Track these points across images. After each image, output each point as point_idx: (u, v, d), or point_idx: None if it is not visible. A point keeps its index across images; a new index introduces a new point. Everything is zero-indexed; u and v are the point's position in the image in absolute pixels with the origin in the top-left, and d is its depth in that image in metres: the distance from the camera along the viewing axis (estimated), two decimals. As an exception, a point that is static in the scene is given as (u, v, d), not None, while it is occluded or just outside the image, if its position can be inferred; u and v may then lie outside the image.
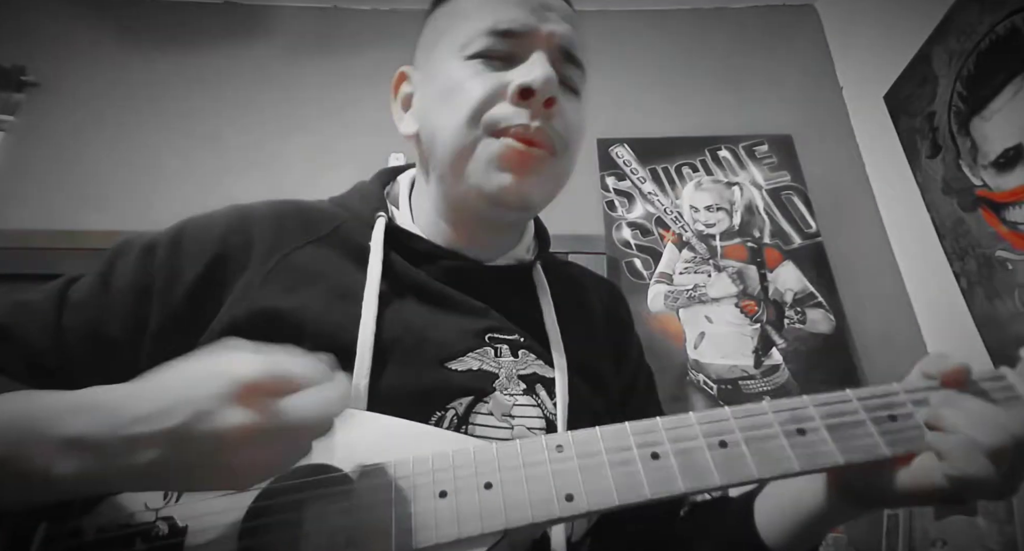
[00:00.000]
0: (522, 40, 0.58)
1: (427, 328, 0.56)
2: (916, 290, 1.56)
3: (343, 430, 0.41)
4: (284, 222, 0.61)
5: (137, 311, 0.55)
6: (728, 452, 0.42)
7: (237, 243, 0.58)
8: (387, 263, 0.59)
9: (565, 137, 0.59)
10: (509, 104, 0.57)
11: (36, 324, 0.54)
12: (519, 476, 0.41)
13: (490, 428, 0.53)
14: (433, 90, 0.62)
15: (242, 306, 0.54)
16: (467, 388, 0.54)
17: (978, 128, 1.34)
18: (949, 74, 1.42)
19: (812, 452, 0.42)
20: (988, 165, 1.31)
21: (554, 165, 0.59)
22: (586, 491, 0.41)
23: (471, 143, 0.57)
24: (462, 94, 0.58)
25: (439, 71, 0.61)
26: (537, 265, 0.68)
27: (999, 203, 1.28)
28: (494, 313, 0.60)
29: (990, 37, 1.31)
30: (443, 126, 0.59)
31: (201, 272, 0.56)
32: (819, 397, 0.45)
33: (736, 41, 1.95)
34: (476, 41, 0.58)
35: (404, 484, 0.42)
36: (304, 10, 1.97)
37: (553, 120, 0.58)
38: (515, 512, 0.40)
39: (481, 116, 0.57)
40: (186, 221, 0.61)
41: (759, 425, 0.43)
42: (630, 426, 0.44)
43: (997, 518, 1.08)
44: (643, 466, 0.41)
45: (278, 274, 0.56)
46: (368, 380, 0.51)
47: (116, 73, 1.81)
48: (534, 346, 0.60)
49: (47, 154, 1.68)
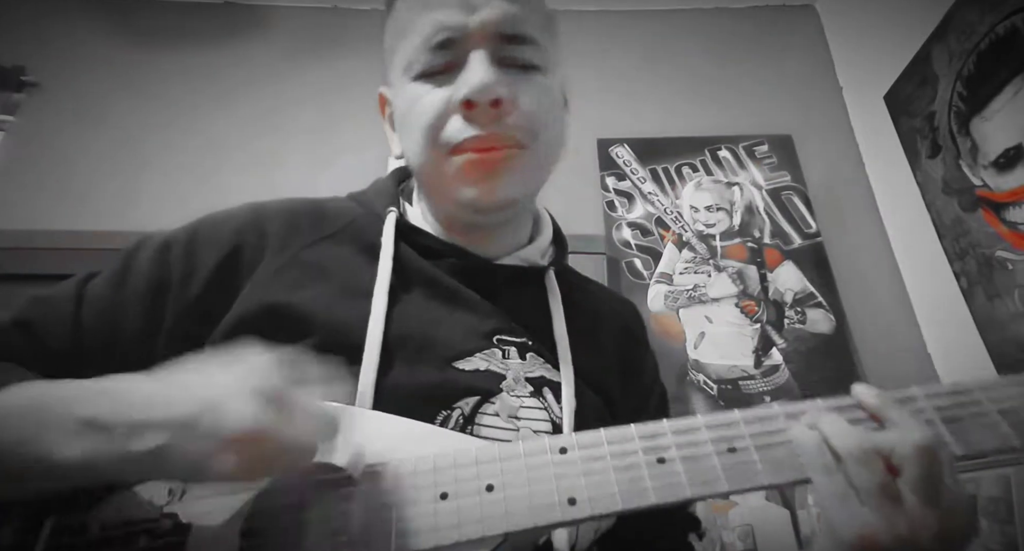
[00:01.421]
0: (457, 45, 0.56)
1: (436, 326, 0.57)
2: (916, 290, 1.56)
3: (348, 429, 0.41)
4: (298, 219, 0.61)
5: (153, 306, 0.56)
6: (737, 458, 0.41)
7: (251, 239, 0.59)
8: (398, 259, 0.59)
9: (529, 126, 0.57)
10: (460, 118, 0.56)
11: (54, 319, 0.55)
12: (521, 479, 0.41)
13: (496, 429, 0.53)
14: (398, 113, 0.62)
15: (253, 301, 0.55)
16: (474, 388, 0.54)
17: (978, 128, 1.34)
18: (949, 74, 1.42)
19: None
20: (988, 165, 1.31)
21: (525, 156, 0.58)
22: (589, 495, 0.40)
23: (435, 163, 0.58)
24: (416, 117, 0.57)
25: (397, 94, 0.62)
26: (550, 271, 0.67)
27: (999, 203, 1.28)
28: (503, 313, 0.60)
29: (990, 37, 1.30)
30: (410, 149, 0.61)
31: (215, 268, 0.57)
32: (829, 402, 0.44)
33: (736, 41, 1.95)
34: (416, 60, 0.58)
35: (405, 485, 0.41)
36: (304, 10, 1.97)
37: (508, 118, 0.56)
38: (516, 515, 0.39)
39: (437, 136, 0.56)
40: (202, 218, 0.62)
41: (770, 431, 0.42)
42: (636, 429, 0.43)
43: (997, 518, 1.08)
44: (648, 471, 0.41)
45: (290, 270, 0.57)
46: (375, 376, 0.51)
47: (116, 73, 1.81)
48: (542, 350, 0.60)
49: (47, 154, 1.68)
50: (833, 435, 0.41)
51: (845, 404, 0.44)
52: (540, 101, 0.59)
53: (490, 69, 0.55)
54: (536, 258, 0.67)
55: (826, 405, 0.44)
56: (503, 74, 0.56)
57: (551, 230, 0.72)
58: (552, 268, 0.68)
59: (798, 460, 0.41)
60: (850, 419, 0.43)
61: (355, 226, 0.62)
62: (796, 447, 0.42)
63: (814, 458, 0.41)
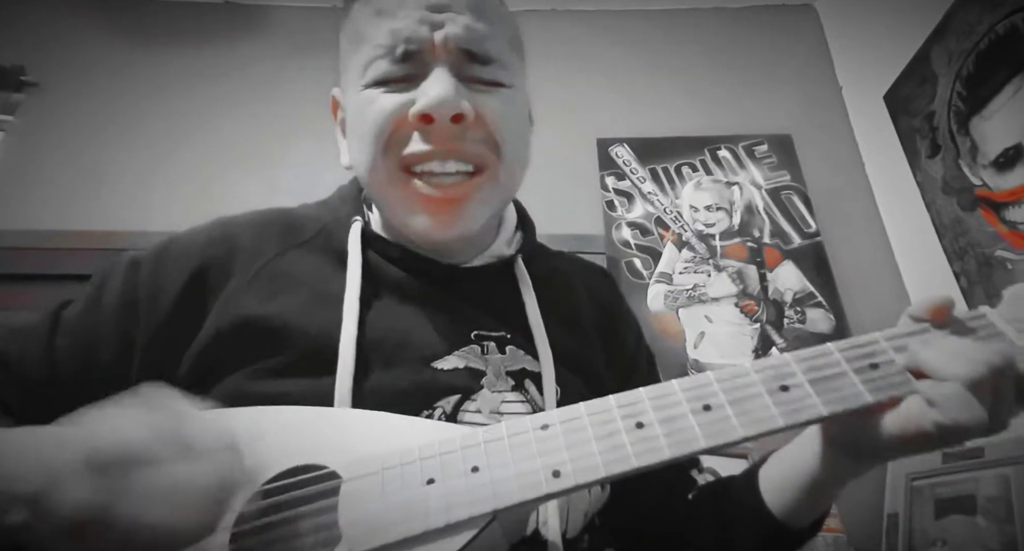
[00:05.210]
0: (418, 58, 0.54)
1: (410, 329, 0.56)
2: (916, 290, 1.56)
3: (332, 428, 0.41)
4: (266, 230, 0.61)
5: (124, 327, 0.55)
6: (712, 415, 0.42)
7: (219, 254, 0.58)
8: (367, 266, 0.59)
9: (494, 139, 0.55)
10: (416, 133, 0.54)
11: (31, 348, 0.54)
12: (506, 458, 0.41)
13: (480, 426, 0.53)
14: (349, 120, 0.60)
15: (226, 315, 0.54)
16: (454, 387, 0.54)
17: (978, 128, 1.34)
18: (949, 74, 1.42)
19: (795, 407, 0.42)
20: (988, 165, 1.31)
21: (485, 185, 0.56)
22: (573, 466, 0.40)
23: (386, 178, 0.56)
24: (367, 126, 0.55)
25: (349, 100, 0.59)
26: (519, 259, 0.66)
27: (999, 203, 1.28)
28: (477, 311, 0.60)
29: (990, 37, 1.31)
30: (359, 159, 0.58)
31: (184, 284, 0.56)
32: (801, 353, 0.45)
33: (736, 41, 1.95)
34: (372, 67, 0.55)
35: (391, 475, 0.42)
36: (304, 10, 1.97)
37: (470, 132, 0.54)
38: (503, 493, 0.40)
39: (390, 145, 0.55)
40: (171, 237, 0.61)
41: (742, 386, 0.43)
42: (614, 399, 0.44)
43: (997, 518, 1.08)
44: (628, 436, 0.41)
45: (261, 281, 0.57)
46: (351, 382, 0.50)
47: (116, 73, 1.81)
48: (520, 342, 0.60)
49: (47, 154, 1.68)
50: (972, 349, 0.42)
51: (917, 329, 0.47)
52: (505, 114, 0.56)
53: (451, 83, 0.53)
54: (503, 250, 0.66)
55: (896, 334, 0.47)
56: (465, 89, 0.54)
57: (515, 215, 0.71)
58: (520, 255, 0.66)
59: (770, 412, 0.41)
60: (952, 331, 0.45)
61: (326, 233, 0.62)
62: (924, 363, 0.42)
63: (959, 367, 0.40)
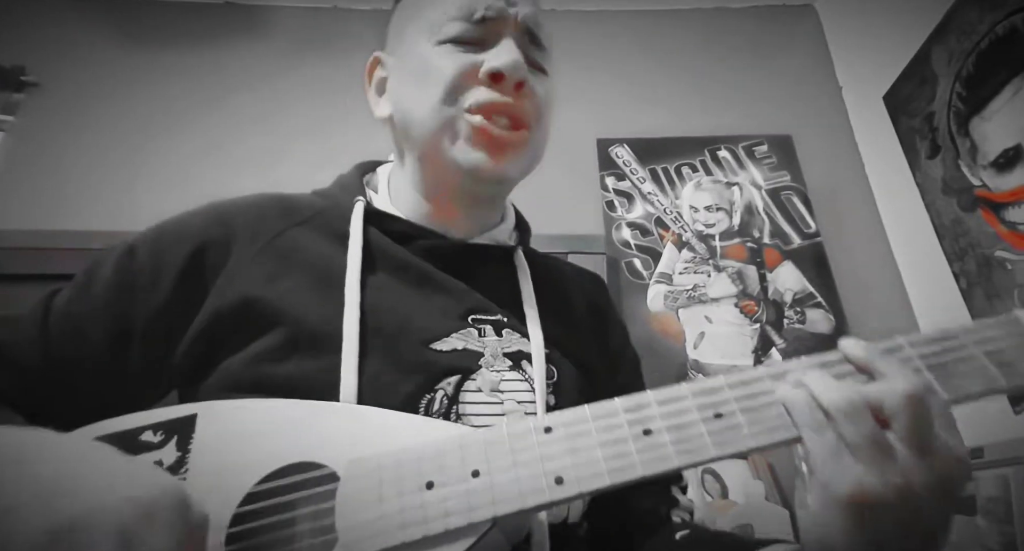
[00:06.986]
0: (492, 26, 0.61)
1: (410, 310, 0.57)
2: (916, 290, 1.56)
3: (332, 426, 0.40)
4: (264, 210, 0.62)
5: (120, 311, 0.55)
6: (723, 422, 0.40)
7: (217, 235, 0.58)
8: (368, 245, 0.60)
9: (536, 113, 0.62)
10: (481, 86, 0.59)
11: (24, 337, 0.54)
12: (507, 462, 0.40)
13: (481, 405, 0.53)
14: (406, 73, 0.64)
15: (226, 296, 0.54)
16: (453, 367, 0.54)
17: (977, 128, 1.34)
18: (949, 74, 1.42)
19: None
20: (987, 165, 1.31)
21: (528, 140, 0.62)
22: (576, 473, 0.39)
23: (447, 120, 0.59)
24: (436, 74, 0.59)
25: (412, 55, 0.63)
26: (519, 250, 0.69)
27: (998, 203, 1.28)
28: (476, 293, 0.61)
29: (990, 37, 1.31)
30: (418, 106, 0.61)
31: (183, 266, 0.56)
32: (814, 358, 0.43)
33: (736, 41, 1.95)
34: (447, 26, 0.60)
35: (390, 477, 0.41)
36: (304, 10, 1.97)
37: (524, 100, 0.60)
38: (503, 500, 0.39)
39: (455, 94, 0.59)
40: (166, 220, 0.61)
41: (755, 393, 0.41)
42: (621, 402, 0.42)
43: (997, 518, 1.08)
44: (635, 444, 0.40)
45: (261, 261, 0.57)
46: (357, 367, 0.51)
47: (116, 73, 1.81)
48: (516, 325, 0.61)
49: (47, 154, 1.68)
50: (820, 391, 0.39)
51: (831, 359, 0.43)
52: (546, 96, 0.64)
53: (520, 53, 0.60)
54: (505, 238, 0.70)
55: (811, 362, 0.43)
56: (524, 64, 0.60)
57: (514, 216, 0.74)
58: (520, 248, 0.70)
59: (784, 420, 0.40)
60: (836, 374, 0.41)
61: (323, 216, 0.62)
62: (785, 406, 0.40)
63: (803, 416, 0.39)
